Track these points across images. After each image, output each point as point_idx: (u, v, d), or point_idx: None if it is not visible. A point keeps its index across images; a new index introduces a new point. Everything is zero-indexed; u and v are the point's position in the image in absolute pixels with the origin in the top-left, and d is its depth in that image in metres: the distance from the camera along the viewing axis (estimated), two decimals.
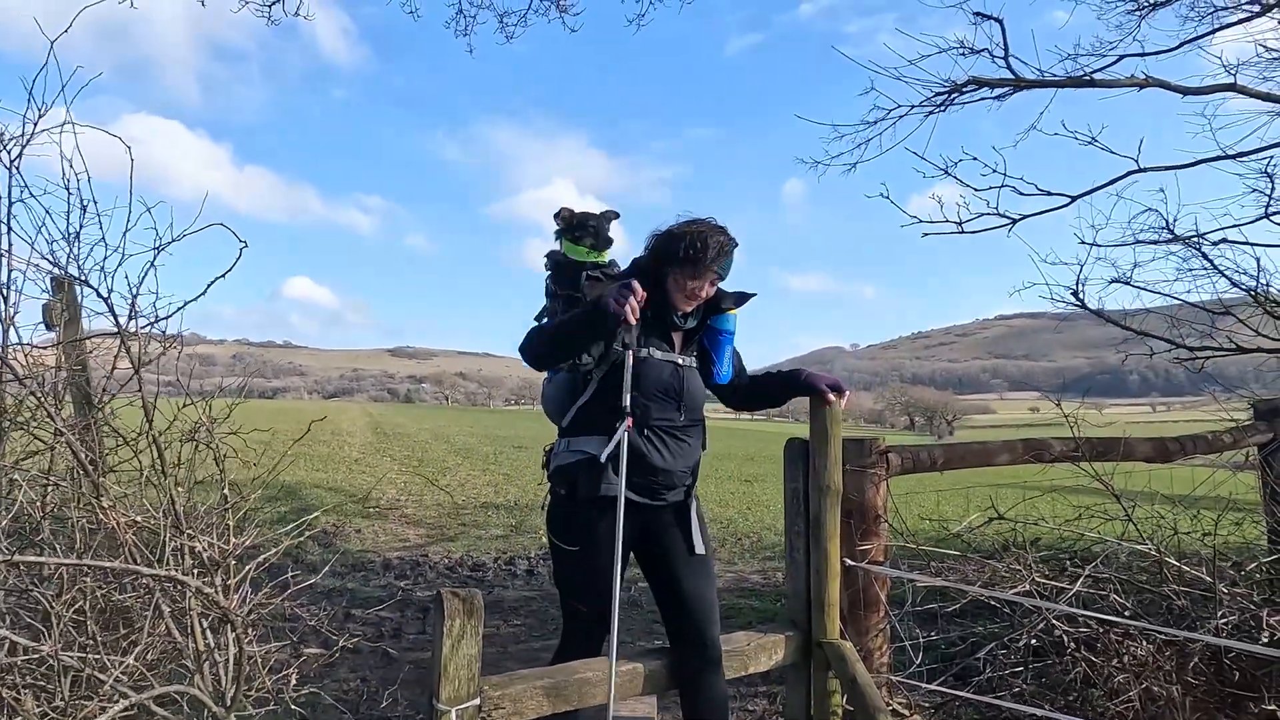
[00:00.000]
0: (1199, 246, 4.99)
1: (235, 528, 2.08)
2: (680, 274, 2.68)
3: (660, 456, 2.71)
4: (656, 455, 2.70)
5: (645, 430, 2.69)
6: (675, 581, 2.77)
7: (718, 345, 2.89)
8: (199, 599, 1.86)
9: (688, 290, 2.70)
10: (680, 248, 2.65)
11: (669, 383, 2.74)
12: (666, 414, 2.74)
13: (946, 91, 5.57)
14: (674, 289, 2.72)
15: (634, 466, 2.65)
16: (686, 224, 2.73)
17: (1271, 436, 4.70)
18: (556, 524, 2.76)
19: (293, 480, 12.03)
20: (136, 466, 2.56)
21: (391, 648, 5.02)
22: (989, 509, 3.62)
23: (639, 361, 2.68)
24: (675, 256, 2.67)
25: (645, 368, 2.69)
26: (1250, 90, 5.04)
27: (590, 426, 2.72)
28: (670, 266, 2.70)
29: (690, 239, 2.65)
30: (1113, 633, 3.12)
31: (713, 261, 2.66)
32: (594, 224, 2.94)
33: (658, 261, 2.73)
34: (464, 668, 2.34)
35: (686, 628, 2.76)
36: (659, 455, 2.71)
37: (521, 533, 9.08)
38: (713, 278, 2.72)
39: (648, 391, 2.69)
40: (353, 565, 7.20)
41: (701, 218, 2.75)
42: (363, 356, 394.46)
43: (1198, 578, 3.34)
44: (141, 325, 2.26)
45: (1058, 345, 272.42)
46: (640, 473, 2.68)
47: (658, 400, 2.72)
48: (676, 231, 2.71)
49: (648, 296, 2.59)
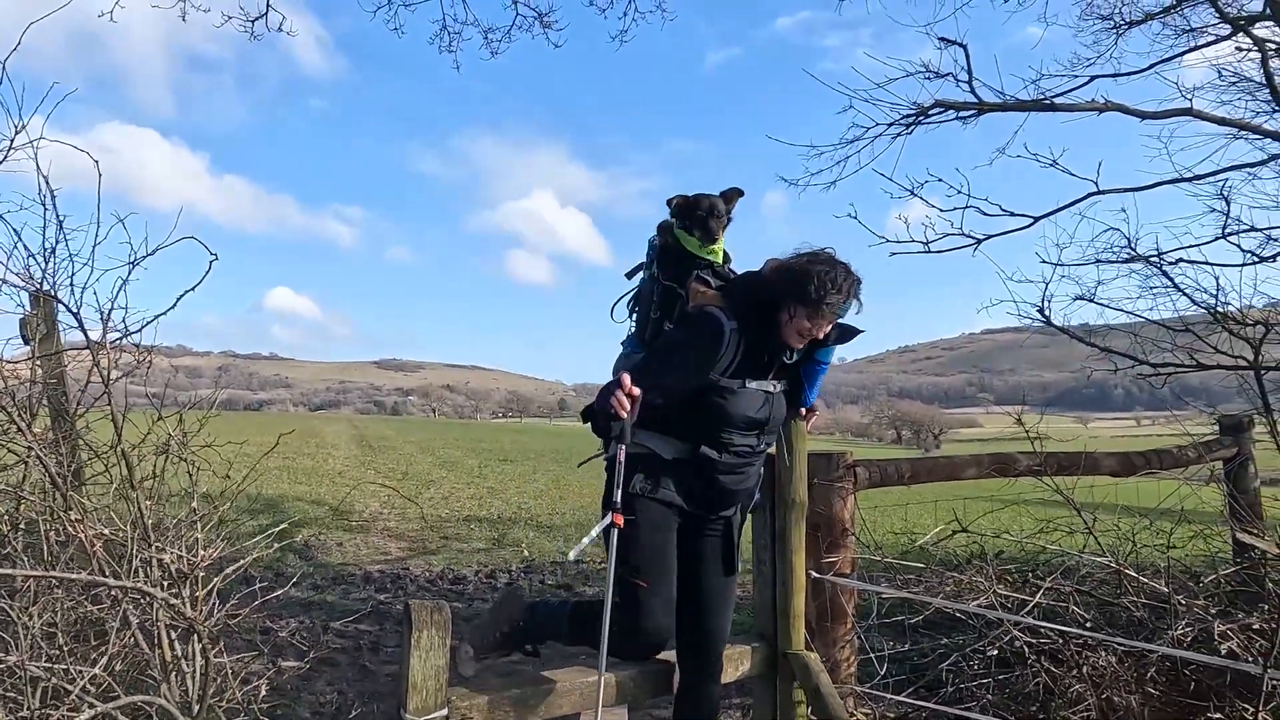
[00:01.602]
0: (1160, 265, 5.14)
1: (204, 539, 2.12)
2: (800, 311, 2.52)
3: (731, 478, 2.64)
4: (728, 478, 2.63)
5: (724, 454, 2.60)
6: (702, 596, 2.74)
7: (813, 374, 2.80)
8: (166, 610, 1.90)
9: (804, 329, 2.55)
10: (808, 288, 2.48)
11: (759, 415, 2.63)
12: (748, 440, 2.64)
13: (914, 114, 5.70)
14: (787, 325, 2.56)
15: (702, 483, 2.61)
16: (810, 259, 2.56)
17: (1236, 451, 4.80)
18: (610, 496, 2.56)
19: (275, 493, 11.98)
20: (109, 479, 2.60)
21: (370, 661, 5.02)
22: (952, 522, 3.69)
23: (737, 394, 2.57)
24: (799, 294, 2.50)
25: (737, 399, 2.57)
26: (1206, 115, 5.20)
27: (664, 425, 2.60)
28: (789, 301, 2.53)
29: (819, 280, 2.47)
30: (1073, 643, 3.19)
31: (840, 304, 2.53)
32: (703, 213, 2.74)
33: (778, 293, 2.55)
34: (432, 678, 2.38)
35: (703, 644, 2.76)
36: (730, 477, 2.63)
37: (504, 546, 9.07)
38: (832, 319, 2.59)
39: (735, 422, 2.58)
40: (333, 578, 7.19)
41: (824, 251, 2.58)
42: (349, 368, 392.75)
43: (1156, 590, 3.42)
44: (112, 339, 2.30)
45: (1043, 360, 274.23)
46: (705, 488, 2.63)
47: (741, 430, 2.61)
48: (800, 268, 2.52)
49: (757, 327, 2.55)
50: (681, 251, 2.75)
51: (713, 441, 2.57)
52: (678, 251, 2.76)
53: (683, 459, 2.60)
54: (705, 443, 2.56)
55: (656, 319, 2.76)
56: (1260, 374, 4.69)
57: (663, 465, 2.62)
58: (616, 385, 2.39)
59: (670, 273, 2.74)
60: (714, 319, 2.51)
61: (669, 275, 2.74)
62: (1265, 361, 4.61)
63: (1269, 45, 5.13)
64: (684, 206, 2.76)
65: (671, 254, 2.77)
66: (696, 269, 2.71)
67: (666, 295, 2.73)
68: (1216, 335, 4.84)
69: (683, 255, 2.75)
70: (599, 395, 2.46)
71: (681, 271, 2.72)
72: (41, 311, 3.25)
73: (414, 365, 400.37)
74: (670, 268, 2.75)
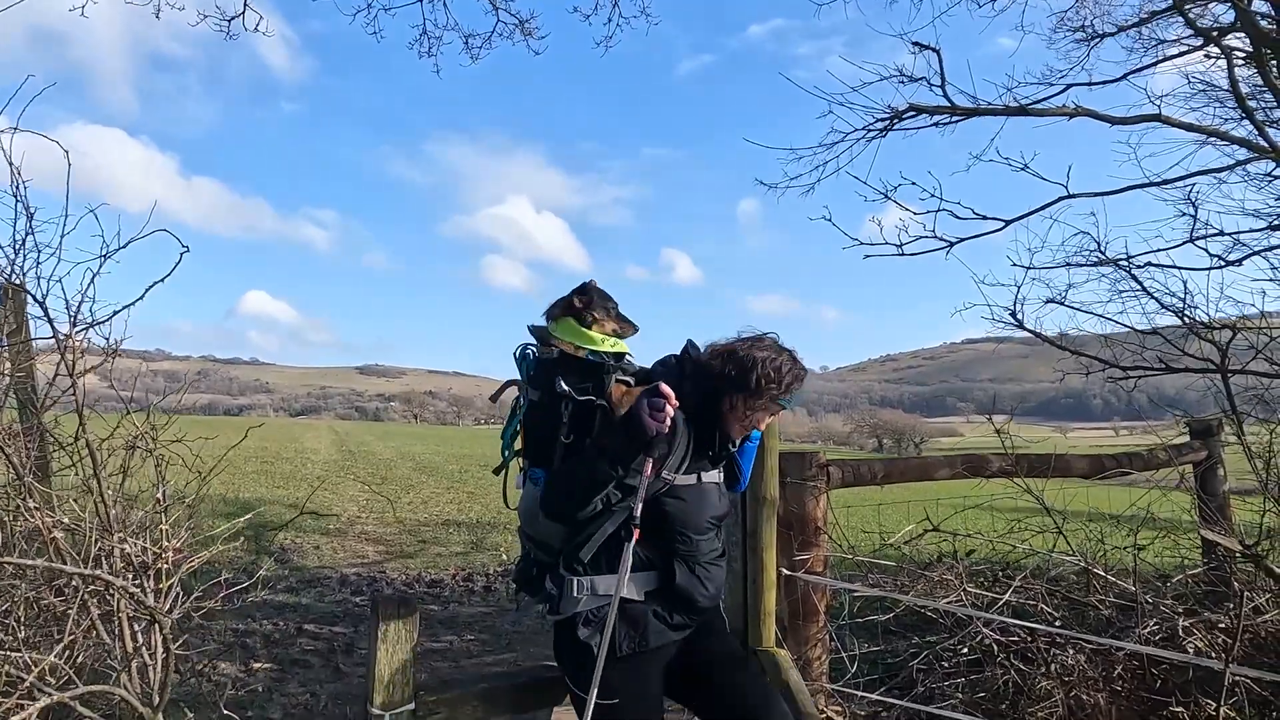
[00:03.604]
0: (1129, 270, 5.22)
1: (169, 531, 2.11)
2: (744, 402, 2.29)
3: (704, 592, 2.34)
4: (701, 592, 2.33)
5: (696, 569, 2.31)
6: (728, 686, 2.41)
7: (745, 454, 2.50)
8: (127, 600, 1.88)
9: (748, 420, 2.33)
10: (752, 378, 2.25)
11: (717, 511, 2.39)
12: (713, 544, 2.38)
13: (888, 118, 5.76)
14: (730, 415, 2.31)
15: (679, 608, 2.32)
16: (753, 345, 2.33)
17: (1205, 454, 4.87)
18: (582, 675, 2.21)
19: (252, 497, 11.89)
20: (77, 473, 2.58)
21: (343, 663, 4.99)
22: (924, 521, 3.71)
23: (695, 492, 2.32)
24: (743, 385, 2.26)
25: (698, 497, 2.33)
26: (1175, 120, 5.28)
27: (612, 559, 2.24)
28: (732, 390, 2.28)
29: (764, 368, 2.26)
30: (1041, 641, 3.22)
31: (786, 394, 2.32)
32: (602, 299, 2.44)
33: (717, 381, 2.29)
34: (399, 673, 2.37)
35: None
36: (703, 590, 2.33)
37: (481, 550, 9.05)
38: (777, 410, 2.37)
39: (700, 526, 2.32)
40: (308, 580, 7.15)
41: (765, 337, 2.37)
42: (330, 374, 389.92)
43: (1124, 589, 3.45)
44: (78, 331, 2.28)
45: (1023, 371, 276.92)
46: (684, 613, 2.34)
47: (707, 533, 2.35)
48: (745, 355, 2.29)
49: (702, 415, 2.30)
50: (576, 357, 2.36)
51: (679, 554, 2.30)
52: (574, 358, 2.36)
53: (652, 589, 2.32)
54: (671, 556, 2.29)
55: (568, 443, 2.32)
56: (1227, 377, 4.75)
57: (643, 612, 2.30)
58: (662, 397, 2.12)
59: (580, 384, 2.32)
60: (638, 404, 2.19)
61: (581, 388, 2.31)
62: (1232, 365, 4.68)
63: (1236, 55, 5.23)
64: (574, 302, 2.42)
65: (572, 362, 2.36)
66: (611, 371, 2.34)
67: (579, 412, 2.31)
68: (1186, 341, 4.91)
69: (583, 361, 2.35)
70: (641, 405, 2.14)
71: (596, 377, 2.33)
72: (11, 304, 3.22)
73: (396, 371, 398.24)
74: (577, 378, 2.33)
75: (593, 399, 2.30)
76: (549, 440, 2.35)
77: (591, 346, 2.35)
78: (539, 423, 2.39)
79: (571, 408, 2.31)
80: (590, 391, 2.31)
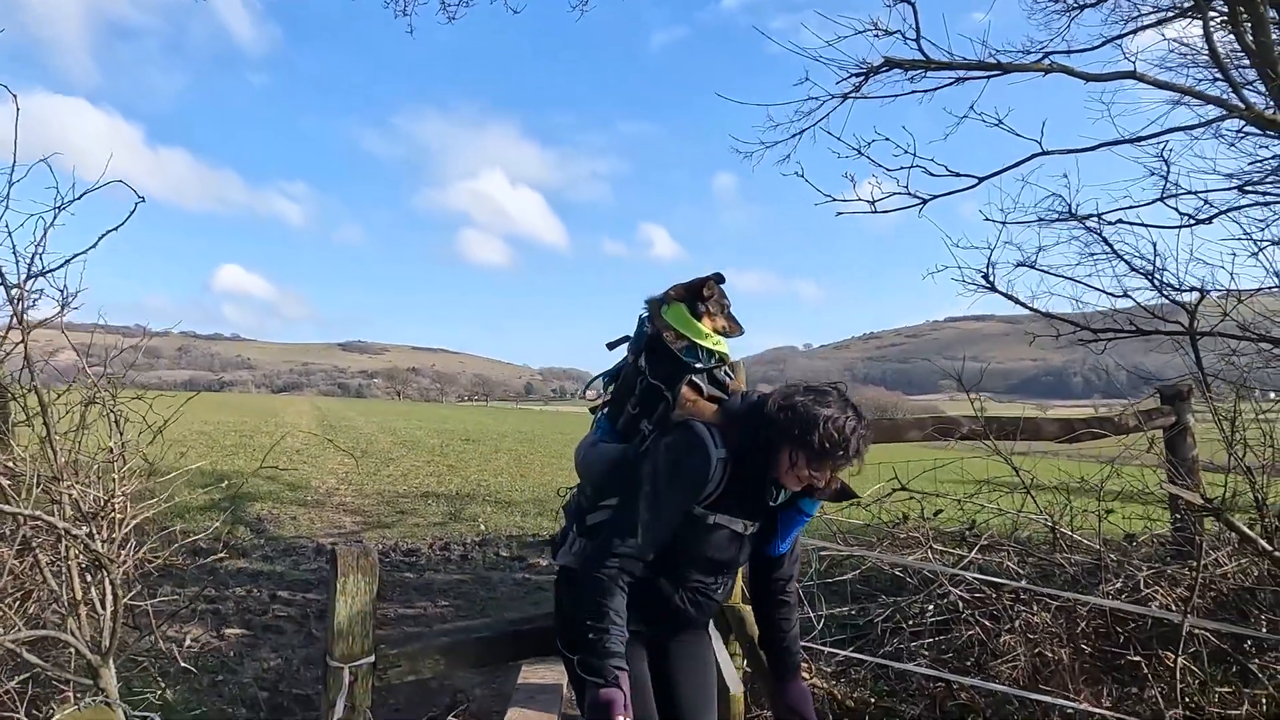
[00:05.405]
0: (1099, 230, 5.23)
1: (120, 478, 2.07)
2: (804, 459, 2.16)
3: (690, 613, 2.37)
4: (688, 611, 2.36)
5: (680, 589, 2.33)
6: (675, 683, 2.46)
7: (790, 523, 2.39)
8: (73, 544, 1.85)
9: (805, 477, 2.19)
10: (815, 438, 2.13)
11: (723, 556, 2.33)
12: (704, 579, 2.36)
13: (863, 73, 5.71)
14: (787, 469, 2.20)
15: (662, 615, 2.36)
16: (818, 401, 2.19)
17: (1175, 420, 4.90)
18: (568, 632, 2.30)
19: (230, 469, 11.80)
20: (32, 427, 2.54)
21: (315, 629, 4.99)
22: (893, 480, 3.73)
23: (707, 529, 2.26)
24: (804, 443, 2.14)
25: (705, 536, 2.27)
26: (1149, 78, 5.27)
27: None
28: (791, 445, 2.17)
29: (828, 429, 2.13)
30: (1005, 598, 3.24)
31: (850, 459, 2.18)
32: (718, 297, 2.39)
33: (779, 434, 2.18)
34: (359, 624, 2.35)
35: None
36: (689, 611, 2.37)
37: (459, 520, 9.04)
38: (839, 470, 2.23)
39: (697, 559, 2.30)
40: (284, 550, 7.12)
41: (833, 391, 2.25)
42: (312, 350, 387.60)
43: (1091, 548, 3.48)
44: (28, 279, 2.23)
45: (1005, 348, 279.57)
46: (666, 619, 2.38)
47: (703, 567, 2.33)
48: (809, 414, 2.15)
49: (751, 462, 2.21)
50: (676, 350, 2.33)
51: (670, 576, 2.31)
52: (671, 348, 2.33)
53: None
54: (662, 575, 2.29)
55: (633, 415, 2.39)
56: (1195, 339, 4.78)
57: None
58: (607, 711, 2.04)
59: (659, 370, 2.33)
60: (701, 441, 2.20)
61: (657, 373, 2.33)
62: (1200, 328, 4.70)
63: (1212, 13, 5.21)
64: (701, 289, 2.36)
65: (664, 348, 2.34)
66: (691, 372, 2.31)
67: (648, 394, 2.34)
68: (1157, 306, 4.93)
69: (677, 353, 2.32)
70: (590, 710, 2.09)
71: (673, 372, 2.31)
72: None
73: (379, 348, 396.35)
74: (660, 364, 2.33)
75: (660, 387, 2.32)
76: (622, 402, 2.45)
77: (693, 337, 2.32)
78: (623, 382, 2.48)
79: (642, 384, 2.37)
80: (662, 380, 2.33)
